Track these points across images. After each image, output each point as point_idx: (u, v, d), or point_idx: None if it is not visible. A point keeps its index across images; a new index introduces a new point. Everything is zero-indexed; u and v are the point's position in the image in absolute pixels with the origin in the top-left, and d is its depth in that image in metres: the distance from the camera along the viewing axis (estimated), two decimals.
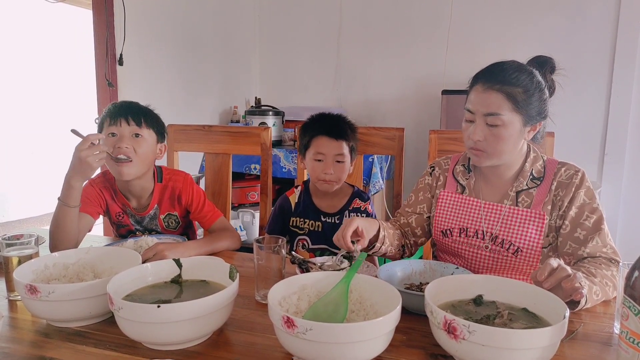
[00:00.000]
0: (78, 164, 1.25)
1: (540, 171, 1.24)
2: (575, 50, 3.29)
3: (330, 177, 1.55)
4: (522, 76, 1.14)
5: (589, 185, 1.20)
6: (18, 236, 1.14)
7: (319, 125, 1.59)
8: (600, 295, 1.04)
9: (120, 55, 2.77)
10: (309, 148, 1.59)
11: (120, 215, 1.55)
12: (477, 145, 1.17)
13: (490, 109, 1.13)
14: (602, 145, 3.33)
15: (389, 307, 0.82)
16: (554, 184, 1.21)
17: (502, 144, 1.16)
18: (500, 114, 1.13)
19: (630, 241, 3.34)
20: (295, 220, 1.67)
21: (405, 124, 3.30)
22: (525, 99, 1.13)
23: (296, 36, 4.02)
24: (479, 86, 1.16)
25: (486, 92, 1.14)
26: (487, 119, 1.14)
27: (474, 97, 1.17)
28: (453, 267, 1.16)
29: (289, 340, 0.79)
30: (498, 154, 1.18)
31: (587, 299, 0.99)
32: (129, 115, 1.43)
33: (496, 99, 1.13)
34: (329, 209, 1.64)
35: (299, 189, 1.70)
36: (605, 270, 1.09)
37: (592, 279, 1.05)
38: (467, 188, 1.31)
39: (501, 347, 0.74)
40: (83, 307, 0.94)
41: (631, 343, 0.72)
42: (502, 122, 1.13)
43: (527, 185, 1.23)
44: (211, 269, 1.05)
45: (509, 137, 1.15)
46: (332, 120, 1.60)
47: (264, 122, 3.40)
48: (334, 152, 1.55)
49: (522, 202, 1.23)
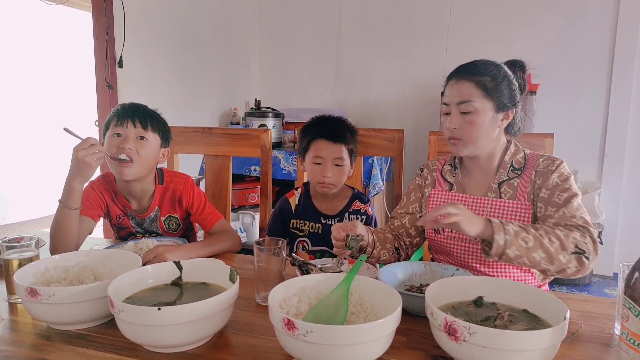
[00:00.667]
0: (77, 165, 1.25)
1: (520, 162, 1.28)
2: (574, 51, 3.30)
3: (329, 180, 1.55)
4: (490, 67, 1.24)
5: (563, 171, 1.22)
6: (18, 239, 1.14)
7: (318, 128, 1.59)
8: (531, 244, 1.04)
9: (120, 58, 2.77)
10: (308, 151, 1.59)
11: (121, 218, 1.55)
12: (453, 134, 1.24)
13: (462, 97, 1.22)
14: (601, 146, 3.34)
15: (390, 308, 0.82)
16: (533, 174, 1.25)
17: (475, 130, 1.22)
18: (472, 100, 1.21)
19: (630, 242, 3.34)
20: (295, 222, 1.67)
21: (405, 125, 3.30)
22: (494, 86, 1.21)
23: (296, 38, 4.02)
24: (452, 81, 1.26)
25: (458, 83, 1.24)
26: (461, 107, 1.22)
27: (448, 91, 1.27)
28: (453, 268, 1.16)
29: (290, 343, 0.79)
30: (473, 140, 1.23)
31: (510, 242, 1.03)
32: (136, 117, 1.44)
33: (467, 87, 1.22)
34: (329, 211, 1.64)
35: (299, 191, 1.70)
36: (559, 231, 1.08)
37: (528, 229, 1.06)
38: (455, 184, 1.35)
39: (502, 349, 0.74)
40: (83, 310, 0.94)
41: (632, 344, 0.72)
42: (474, 108, 1.21)
43: (507, 176, 1.27)
44: (211, 271, 1.05)
45: (482, 123, 1.22)
46: (331, 123, 1.59)
47: (264, 124, 3.40)
48: (333, 155, 1.55)
49: (504, 193, 1.26)
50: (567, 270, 1.07)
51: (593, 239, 1.10)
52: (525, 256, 1.05)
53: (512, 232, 1.04)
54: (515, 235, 1.04)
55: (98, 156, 1.26)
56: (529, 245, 1.04)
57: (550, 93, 3.30)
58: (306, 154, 1.60)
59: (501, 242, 1.03)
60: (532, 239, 1.05)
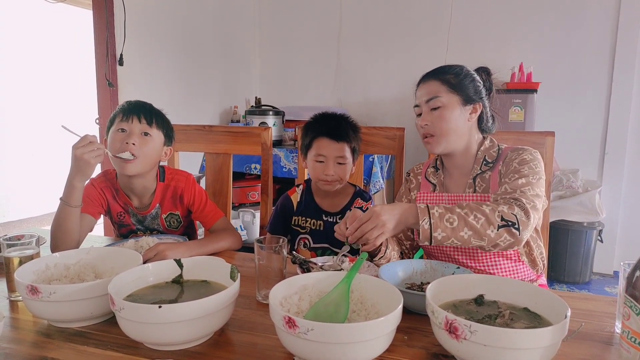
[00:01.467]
0: (76, 163, 1.26)
1: (492, 156, 1.31)
2: (575, 49, 3.29)
3: (332, 177, 1.55)
4: (452, 67, 1.32)
5: (525, 157, 1.24)
6: (19, 237, 1.14)
7: (320, 125, 1.58)
8: (457, 224, 1.06)
9: (120, 55, 2.77)
10: (310, 149, 1.59)
11: (122, 215, 1.55)
12: (425, 130, 1.30)
13: (430, 94, 1.29)
14: (602, 144, 3.34)
15: (390, 307, 0.82)
16: (501, 165, 1.28)
17: (445, 123, 1.27)
18: (439, 95, 1.28)
19: (630, 240, 3.35)
20: (297, 219, 1.66)
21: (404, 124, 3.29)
22: (458, 82, 1.29)
23: (296, 36, 4.02)
24: (420, 84, 1.35)
25: (425, 84, 1.32)
26: (430, 104, 1.29)
27: (418, 92, 1.35)
28: (454, 266, 1.15)
29: (290, 341, 0.79)
30: (445, 133, 1.28)
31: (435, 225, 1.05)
32: (141, 113, 1.44)
33: (433, 85, 1.30)
34: (330, 208, 1.64)
35: (300, 188, 1.70)
36: (485, 207, 1.08)
37: (452, 209, 1.08)
38: (438, 185, 1.39)
39: (503, 347, 0.74)
40: (84, 308, 0.94)
41: (632, 342, 0.72)
42: (442, 103, 1.27)
43: (480, 170, 1.30)
44: (212, 269, 1.05)
45: (451, 116, 1.27)
46: (333, 121, 1.59)
47: (265, 122, 3.40)
48: (335, 154, 1.54)
49: (478, 186, 1.29)
50: (500, 244, 1.08)
51: (524, 208, 1.10)
52: (453, 236, 1.06)
53: (437, 214, 1.06)
54: (439, 217, 1.06)
55: (96, 154, 1.26)
56: (454, 225, 1.06)
57: (551, 91, 3.30)
58: (308, 151, 1.60)
59: (426, 227, 1.05)
60: (457, 219, 1.06)
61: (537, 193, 1.16)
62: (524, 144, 1.49)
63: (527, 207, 1.10)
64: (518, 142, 1.50)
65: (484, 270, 1.28)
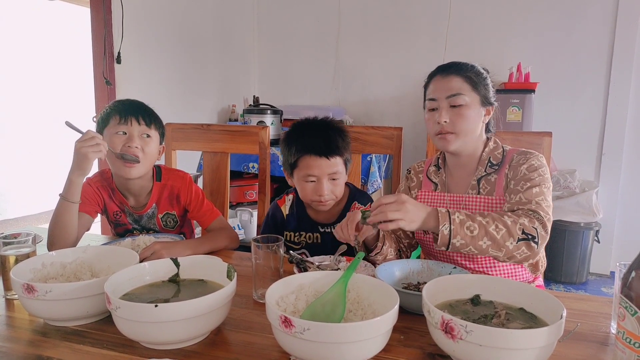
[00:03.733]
0: (75, 157, 1.27)
1: (497, 158, 1.29)
2: (573, 50, 3.30)
3: (327, 197, 1.38)
4: (472, 65, 1.29)
5: (533, 162, 1.23)
6: (15, 235, 1.13)
7: (306, 141, 1.38)
8: (477, 232, 1.05)
9: (118, 54, 2.76)
10: (296, 168, 1.40)
11: (118, 214, 1.54)
12: (443, 128, 1.24)
13: (452, 90, 1.24)
14: (599, 145, 3.34)
15: (387, 306, 0.82)
16: (507, 168, 1.26)
17: (466, 123, 1.24)
18: (462, 93, 1.23)
19: (627, 241, 3.35)
20: (289, 235, 1.51)
21: (403, 123, 3.31)
22: (479, 81, 1.26)
23: (295, 34, 4.01)
24: (437, 77, 1.28)
25: (446, 78, 1.26)
26: (450, 100, 1.24)
27: (435, 85, 1.28)
28: (450, 266, 1.16)
29: (287, 340, 0.79)
30: (464, 133, 1.25)
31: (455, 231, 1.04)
32: (140, 115, 1.44)
33: (456, 82, 1.25)
34: (326, 220, 1.49)
35: (290, 198, 1.54)
36: (507, 218, 1.08)
37: (474, 217, 1.07)
38: (439, 184, 1.37)
39: (498, 347, 0.74)
40: (80, 306, 0.94)
41: (627, 343, 0.73)
42: (465, 101, 1.23)
43: (485, 172, 1.28)
44: (209, 268, 1.05)
45: (472, 116, 1.24)
46: (319, 133, 1.38)
47: (262, 121, 3.39)
48: (327, 171, 1.36)
49: (483, 188, 1.28)
50: (517, 257, 1.08)
51: (542, 222, 1.11)
52: (471, 245, 1.05)
53: (458, 221, 1.05)
54: (460, 224, 1.05)
55: (96, 149, 1.27)
56: (475, 234, 1.05)
57: (549, 92, 3.31)
58: (294, 170, 1.41)
59: (446, 232, 1.04)
60: (478, 227, 1.05)
61: (550, 203, 1.18)
62: (521, 144, 1.50)
63: (545, 221, 1.11)
64: (515, 142, 1.50)
65: (482, 272, 1.27)
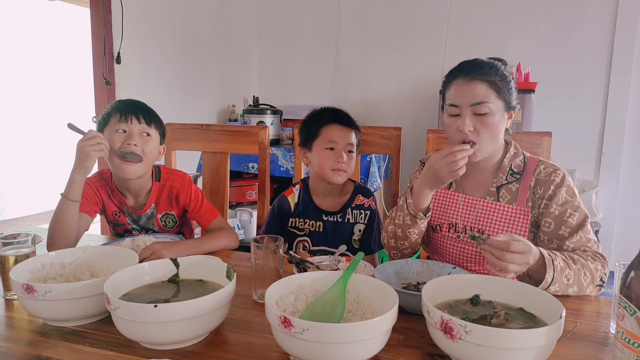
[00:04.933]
0: (77, 156, 1.29)
1: (519, 166, 1.26)
2: (573, 50, 3.29)
3: (343, 166, 1.51)
4: (497, 66, 1.20)
5: (569, 184, 1.22)
6: (15, 235, 1.14)
7: (329, 114, 1.58)
8: (572, 281, 1.06)
9: (117, 54, 2.76)
10: (317, 137, 1.55)
11: (117, 214, 1.54)
12: (467, 136, 1.18)
13: (477, 98, 1.16)
14: (599, 144, 3.34)
15: (386, 307, 0.82)
16: (532, 181, 1.23)
17: (490, 132, 1.18)
18: (487, 101, 1.16)
19: (627, 241, 3.35)
20: (295, 221, 1.62)
21: (403, 123, 3.30)
22: (503, 86, 1.18)
23: (295, 35, 4.01)
24: (459, 80, 1.19)
25: (470, 84, 1.17)
26: (474, 109, 1.17)
27: (457, 90, 1.19)
28: (450, 267, 1.16)
29: (286, 340, 0.79)
30: (488, 142, 1.20)
31: (556, 279, 1.03)
32: (140, 114, 1.44)
33: (481, 88, 1.16)
34: (330, 208, 1.60)
35: (297, 188, 1.65)
36: (590, 263, 1.11)
37: (570, 264, 1.07)
38: (454, 183, 1.34)
39: (498, 347, 0.74)
40: (80, 307, 0.94)
41: (627, 343, 0.73)
42: (490, 109, 1.16)
43: (506, 180, 1.26)
44: (208, 268, 1.05)
45: (496, 125, 1.18)
46: (340, 111, 1.60)
47: (262, 121, 3.39)
48: (346, 141, 1.53)
49: (502, 197, 1.25)
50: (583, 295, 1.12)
51: (605, 266, 1.14)
52: (562, 290, 1.07)
53: (559, 268, 1.04)
54: (560, 271, 1.05)
55: (97, 148, 1.28)
56: (569, 282, 1.06)
57: (549, 91, 3.30)
58: (315, 141, 1.56)
59: (549, 280, 1.03)
60: (573, 276, 1.06)
61: None
62: (521, 144, 1.49)
63: (606, 264, 1.14)
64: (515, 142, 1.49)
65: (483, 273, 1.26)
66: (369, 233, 1.58)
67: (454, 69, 1.23)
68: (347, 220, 1.58)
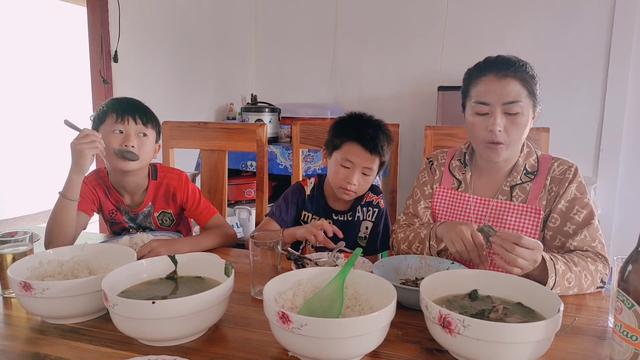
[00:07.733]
0: (72, 155, 1.28)
1: (533, 166, 1.24)
2: (571, 47, 3.29)
3: (352, 187, 1.45)
4: (526, 63, 1.16)
5: (581, 181, 1.20)
6: (12, 233, 1.13)
7: (357, 130, 1.45)
8: (572, 283, 1.06)
9: (115, 52, 2.75)
10: (338, 149, 1.48)
11: (114, 213, 1.54)
12: (498, 137, 1.13)
13: (510, 97, 1.12)
14: (597, 141, 3.34)
15: (384, 302, 0.83)
16: (548, 179, 1.21)
17: (520, 132, 1.15)
18: (520, 100, 1.12)
19: (625, 236, 3.35)
20: (307, 216, 1.60)
21: (401, 120, 3.29)
22: (533, 85, 1.15)
23: (292, 33, 4.01)
24: (491, 76, 1.14)
25: (502, 81, 1.12)
26: (506, 108, 1.12)
27: (487, 87, 1.14)
28: (448, 262, 1.16)
29: (285, 336, 0.79)
30: (516, 143, 1.16)
31: (557, 283, 1.03)
32: (136, 114, 1.44)
33: (514, 86, 1.12)
34: (341, 207, 1.59)
35: (312, 181, 1.62)
36: (590, 264, 1.10)
37: (571, 266, 1.06)
38: (464, 183, 1.30)
39: (496, 341, 0.74)
40: (78, 304, 0.94)
41: (625, 336, 0.73)
42: (521, 109, 1.12)
43: (520, 180, 1.23)
44: (206, 265, 1.05)
45: (526, 124, 1.15)
46: (371, 129, 1.45)
47: (260, 119, 3.39)
48: (364, 164, 1.45)
49: (516, 196, 1.23)
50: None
51: (607, 267, 1.13)
52: (563, 292, 1.06)
53: (561, 271, 1.04)
54: (562, 275, 1.04)
55: (91, 145, 1.27)
56: (570, 285, 1.06)
57: (547, 88, 3.27)
58: (335, 152, 1.49)
59: (551, 284, 1.03)
60: (574, 279, 1.06)
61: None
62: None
63: (607, 266, 1.13)
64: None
65: None
66: (376, 233, 1.57)
67: (481, 64, 1.18)
68: (356, 218, 1.58)
